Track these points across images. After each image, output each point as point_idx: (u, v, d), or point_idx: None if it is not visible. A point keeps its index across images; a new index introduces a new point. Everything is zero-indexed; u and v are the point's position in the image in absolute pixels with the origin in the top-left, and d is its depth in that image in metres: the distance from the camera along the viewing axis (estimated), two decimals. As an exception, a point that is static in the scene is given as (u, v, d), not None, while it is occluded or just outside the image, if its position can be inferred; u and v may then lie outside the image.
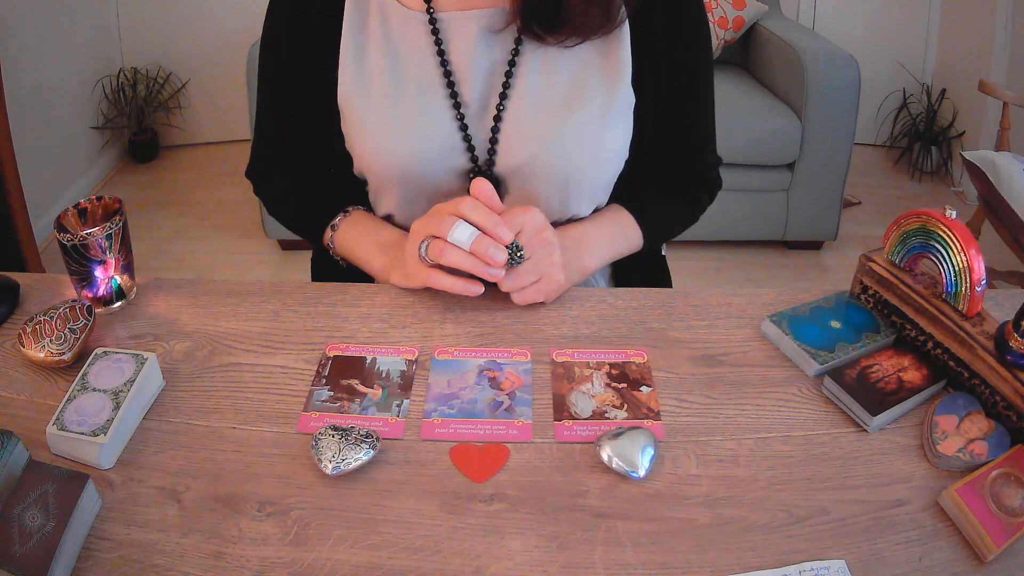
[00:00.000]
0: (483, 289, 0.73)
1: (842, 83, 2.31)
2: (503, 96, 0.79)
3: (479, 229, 0.70)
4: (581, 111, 0.78)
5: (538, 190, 0.81)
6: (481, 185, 0.72)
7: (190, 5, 3.11)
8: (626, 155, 0.83)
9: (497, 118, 0.79)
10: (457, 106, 0.79)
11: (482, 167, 0.81)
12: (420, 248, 0.73)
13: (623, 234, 0.86)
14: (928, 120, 3.11)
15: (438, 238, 0.71)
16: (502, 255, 0.70)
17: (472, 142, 0.80)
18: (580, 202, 0.83)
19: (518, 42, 0.78)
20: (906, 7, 3.18)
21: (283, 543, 0.54)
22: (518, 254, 0.73)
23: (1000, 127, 2.10)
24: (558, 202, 0.82)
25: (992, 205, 1.88)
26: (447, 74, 0.79)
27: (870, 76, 2.62)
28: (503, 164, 0.80)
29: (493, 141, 0.80)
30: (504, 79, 0.79)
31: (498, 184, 0.81)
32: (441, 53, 0.78)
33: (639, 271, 0.95)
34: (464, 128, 0.79)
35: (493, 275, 0.71)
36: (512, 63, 0.78)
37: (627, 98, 0.80)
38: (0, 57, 2.01)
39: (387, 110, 0.79)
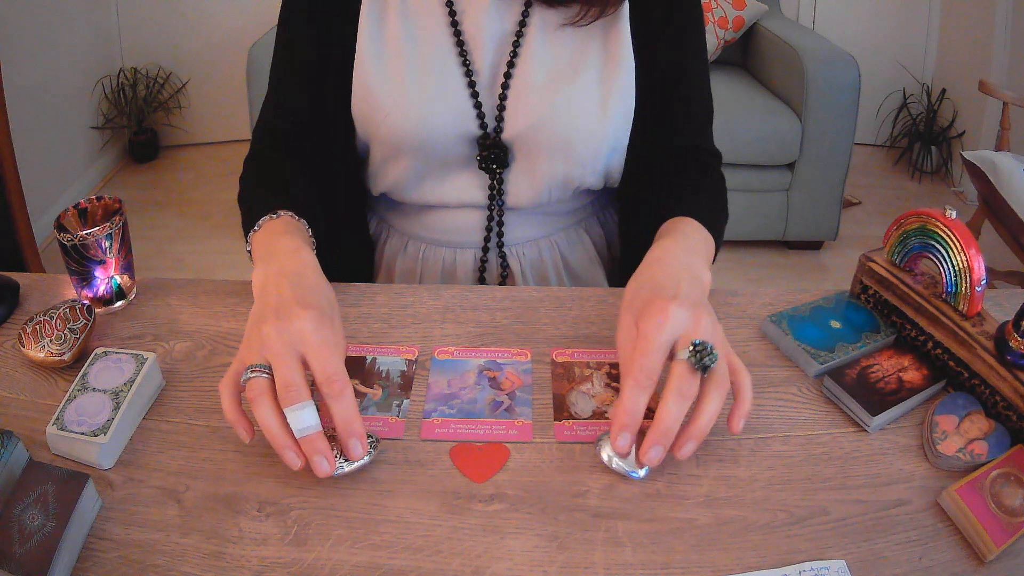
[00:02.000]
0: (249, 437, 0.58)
1: (842, 83, 2.31)
2: (511, 64, 0.81)
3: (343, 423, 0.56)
4: (584, 76, 0.81)
5: (543, 155, 0.83)
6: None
7: (190, 5, 3.11)
8: (630, 123, 0.84)
9: (505, 85, 0.82)
10: (469, 73, 0.81)
11: (491, 133, 0.83)
12: (247, 371, 0.56)
13: (699, 238, 0.74)
14: (928, 120, 3.11)
15: (269, 377, 0.56)
16: (326, 468, 0.55)
17: (482, 108, 0.82)
18: (585, 169, 0.84)
19: (525, 14, 0.81)
20: (906, 7, 3.18)
21: (283, 543, 0.54)
22: (704, 357, 0.54)
23: (1000, 127, 2.10)
24: (563, 168, 0.83)
25: (992, 205, 1.88)
26: (460, 43, 0.81)
27: (870, 76, 2.62)
28: (510, 130, 0.82)
29: (501, 108, 0.82)
30: (512, 48, 0.81)
31: (505, 151, 0.83)
32: (455, 24, 0.81)
33: None
34: (475, 95, 0.82)
35: (292, 462, 0.56)
36: (520, 32, 0.81)
37: (628, 68, 0.82)
38: (0, 57, 2.01)
39: (403, 75, 0.80)
